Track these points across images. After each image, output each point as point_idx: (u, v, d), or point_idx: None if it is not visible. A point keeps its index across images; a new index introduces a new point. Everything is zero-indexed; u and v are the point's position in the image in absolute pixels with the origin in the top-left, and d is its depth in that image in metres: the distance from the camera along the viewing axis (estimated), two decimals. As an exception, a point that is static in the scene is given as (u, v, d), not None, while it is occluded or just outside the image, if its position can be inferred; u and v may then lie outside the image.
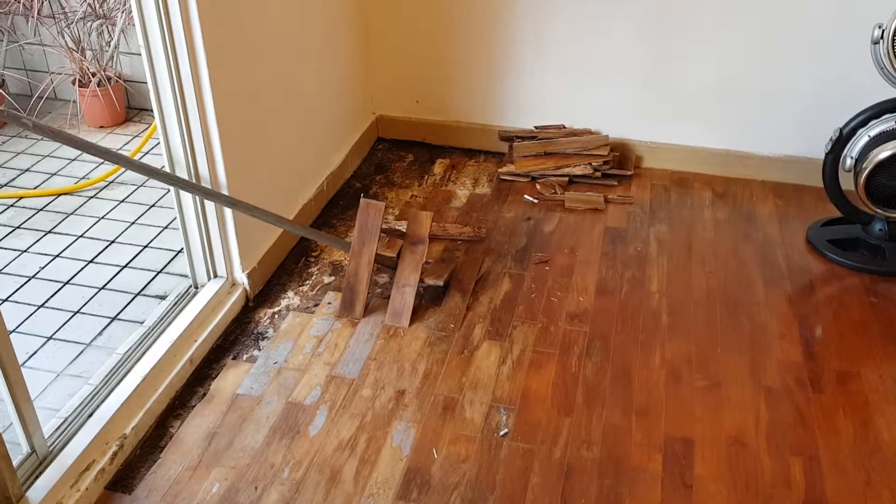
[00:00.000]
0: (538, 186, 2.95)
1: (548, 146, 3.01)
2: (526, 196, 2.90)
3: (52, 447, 1.77)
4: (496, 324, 2.28)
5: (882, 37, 2.29)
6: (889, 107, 2.40)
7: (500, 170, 3.04)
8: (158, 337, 2.11)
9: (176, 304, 2.22)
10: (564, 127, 3.11)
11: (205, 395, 2.05)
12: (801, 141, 2.90)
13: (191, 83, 2.03)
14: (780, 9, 2.70)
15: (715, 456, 1.87)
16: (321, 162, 2.84)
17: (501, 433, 1.93)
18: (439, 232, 2.65)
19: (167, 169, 2.14)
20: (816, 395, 2.04)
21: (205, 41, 1.99)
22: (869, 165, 2.37)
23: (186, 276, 2.32)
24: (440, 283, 2.38)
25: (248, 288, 2.35)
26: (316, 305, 2.36)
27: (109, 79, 3.37)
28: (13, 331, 2.28)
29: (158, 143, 2.13)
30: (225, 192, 2.19)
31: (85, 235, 2.71)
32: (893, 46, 2.27)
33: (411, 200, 2.89)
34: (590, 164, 2.95)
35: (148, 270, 2.54)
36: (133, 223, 2.78)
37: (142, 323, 2.24)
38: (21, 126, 1.66)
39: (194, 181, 2.16)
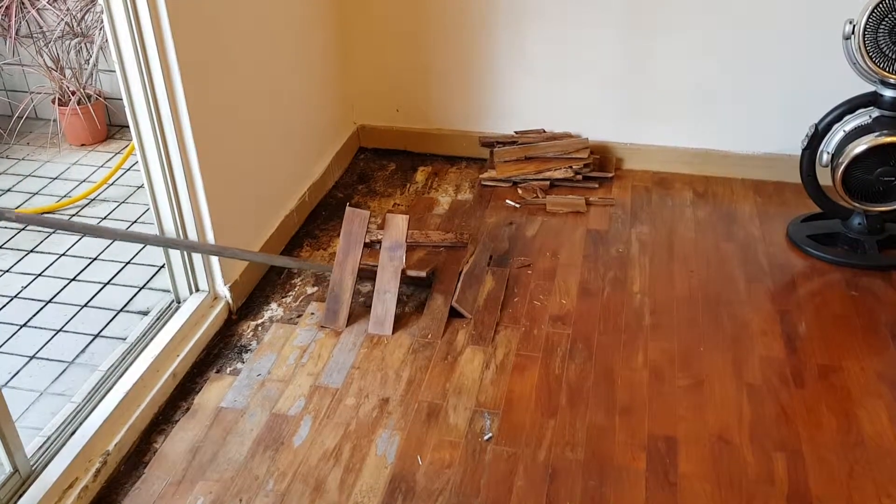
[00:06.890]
0: (520, 191, 2.96)
1: (528, 151, 3.02)
2: (508, 201, 2.91)
3: (34, 466, 1.77)
4: (479, 328, 2.29)
5: (853, 32, 2.31)
6: (862, 101, 2.42)
7: (481, 176, 3.05)
8: (141, 353, 2.10)
9: (158, 319, 2.22)
10: (544, 131, 3.13)
11: (188, 409, 2.05)
12: (779, 138, 2.92)
13: (165, 98, 2.03)
14: (752, 8, 2.72)
15: (699, 454, 1.88)
16: (303, 173, 2.84)
17: (486, 438, 1.93)
18: (422, 239, 2.66)
19: (145, 186, 2.14)
20: (799, 390, 2.05)
21: (178, 55, 1.99)
22: (845, 160, 2.39)
23: (168, 292, 2.32)
24: (422, 273, 2.38)
25: (230, 301, 2.35)
26: (299, 316, 2.36)
27: (89, 97, 3.37)
28: (-5, 351, 2.28)
29: (137, 161, 2.13)
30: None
31: (67, 254, 2.70)
32: (864, 41, 2.29)
33: (394, 209, 2.90)
34: (570, 167, 2.96)
35: (130, 287, 2.53)
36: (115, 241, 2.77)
37: (124, 339, 2.24)
38: (6, 220, 1.68)
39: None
